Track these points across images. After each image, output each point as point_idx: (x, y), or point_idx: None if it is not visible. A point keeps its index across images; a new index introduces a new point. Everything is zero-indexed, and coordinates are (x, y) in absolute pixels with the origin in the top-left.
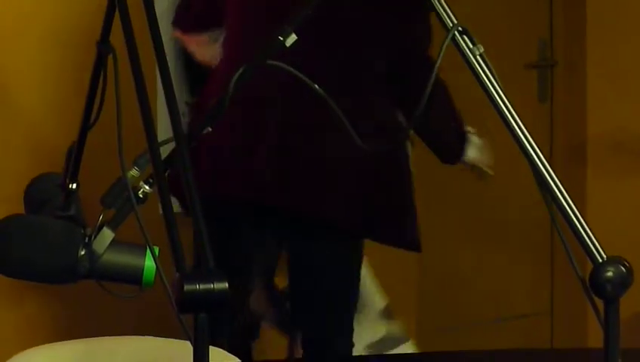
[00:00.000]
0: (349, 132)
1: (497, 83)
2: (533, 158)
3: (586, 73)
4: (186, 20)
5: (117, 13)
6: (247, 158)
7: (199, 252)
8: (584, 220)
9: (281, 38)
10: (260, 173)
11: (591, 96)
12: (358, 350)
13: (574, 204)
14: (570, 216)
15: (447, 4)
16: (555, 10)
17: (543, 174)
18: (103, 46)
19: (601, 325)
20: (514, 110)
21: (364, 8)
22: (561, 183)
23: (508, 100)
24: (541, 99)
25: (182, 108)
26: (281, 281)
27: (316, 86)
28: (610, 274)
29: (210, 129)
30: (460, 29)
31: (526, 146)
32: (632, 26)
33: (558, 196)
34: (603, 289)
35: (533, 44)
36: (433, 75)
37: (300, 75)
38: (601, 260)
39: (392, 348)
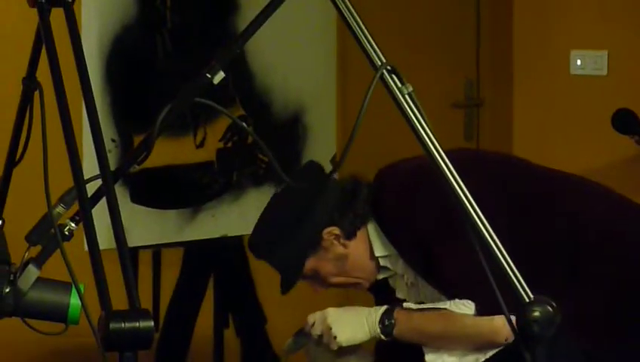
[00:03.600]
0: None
1: (425, 121)
2: (460, 197)
3: (512, 113)
4: None
5: (43, 50)
6: None
7: (127, 290)
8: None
9: (209, 76)
10: None
11: (517, 135)
12: None
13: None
14: (497, 256)
15: (375, 43)
16: (482, 50)
17: (470, 213)
18: (30, 82)
19: None
20: (441, 148)
21: None
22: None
23: (435, 138)
24: (467, 137)
25: (108, 145)
26: None
27: (244, 124)
28: (536, 313)
29: (137, 166)
30: (388, 67)
31: (453, 184)
32: (557, 67)
33: (484, 235)
34: (530, 329)
35: (461, 84)
36: (363, 108)
37: (225, 112)
38: (527, 300)
39: None
